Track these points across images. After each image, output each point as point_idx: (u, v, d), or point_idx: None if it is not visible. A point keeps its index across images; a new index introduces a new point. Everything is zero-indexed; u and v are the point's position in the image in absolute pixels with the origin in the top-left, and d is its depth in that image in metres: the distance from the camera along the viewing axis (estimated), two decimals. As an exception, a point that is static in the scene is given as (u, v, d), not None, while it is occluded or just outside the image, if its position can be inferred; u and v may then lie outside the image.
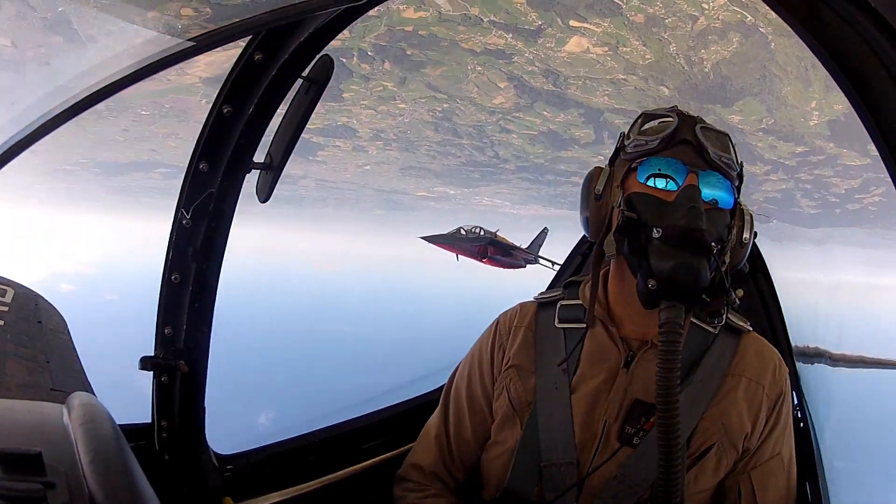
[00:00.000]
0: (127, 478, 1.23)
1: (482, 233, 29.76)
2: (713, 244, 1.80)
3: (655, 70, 31.99)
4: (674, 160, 1.91)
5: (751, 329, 2.13)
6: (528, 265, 30.72)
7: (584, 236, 2.77)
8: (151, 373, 2.27)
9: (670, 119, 1.96)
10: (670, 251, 1.78)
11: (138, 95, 36.73)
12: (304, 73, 2.01)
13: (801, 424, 2.47)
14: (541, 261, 30.53)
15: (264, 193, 2.17)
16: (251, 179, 2.27)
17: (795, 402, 2.43)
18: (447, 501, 2.19)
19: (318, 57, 2.01)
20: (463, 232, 29.67)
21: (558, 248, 30.83)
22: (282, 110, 2.12)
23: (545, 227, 31.51)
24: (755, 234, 2.06)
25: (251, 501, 2.51)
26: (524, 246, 31.30)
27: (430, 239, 30.04)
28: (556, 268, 3.20)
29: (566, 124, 37.04)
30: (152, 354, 2.26)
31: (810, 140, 35.70)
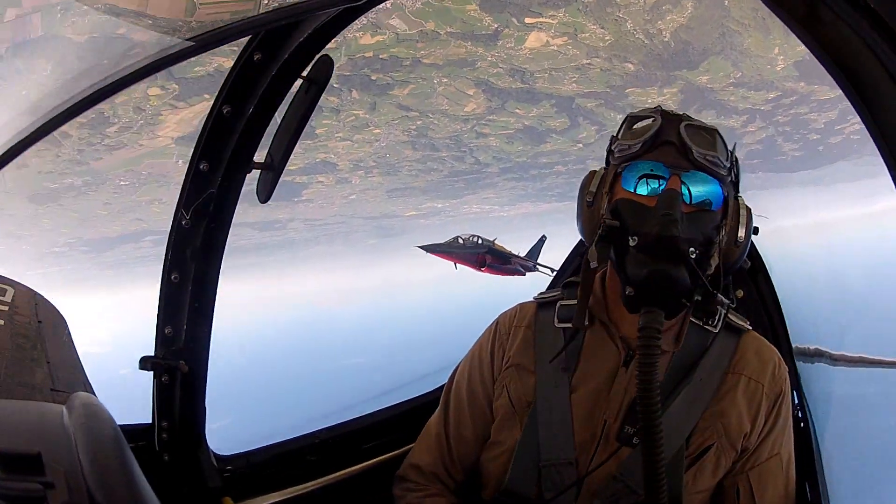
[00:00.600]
0: (127, 478, 1.23)
1: (480, 241, 29.59)
2: (692, 249, 1.83)
3: (617, 49, 32.24)
4: (656, 163, 1.92)
5: (750, 328, 2.13)
6: (527, 273, 30.49)
7: (580, 240, 2.78)
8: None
9: (653, 120, 1.96)
10: (645, 259, 1.82)
11: (113, 167, 36.75)
12: (304, 73, 2.03)
13: (802, 424, 2.46)
14: (539, 268, 30.33)
15: (264, 193, 2.19)
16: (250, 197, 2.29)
17: (795, 401, 2.42)
18: (447, 501, 2.19)
19: (317, 57, 2.02)
20: (461, 241, 29.52)
21: (556, 241, 30.81)
22: (283, 110, 2.13)
23: (543, 235, 31.38)
24: (756, 229, 2.05)
25: (251, 501, 2.52)
26: (522, 254, 31.11)
27: (429, 248, 29.94)
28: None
29: (540, 117, 37.20)
30: (152, 354, 2.28)
31: (780, 84, 36.00)
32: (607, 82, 34.41)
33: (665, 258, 1.81)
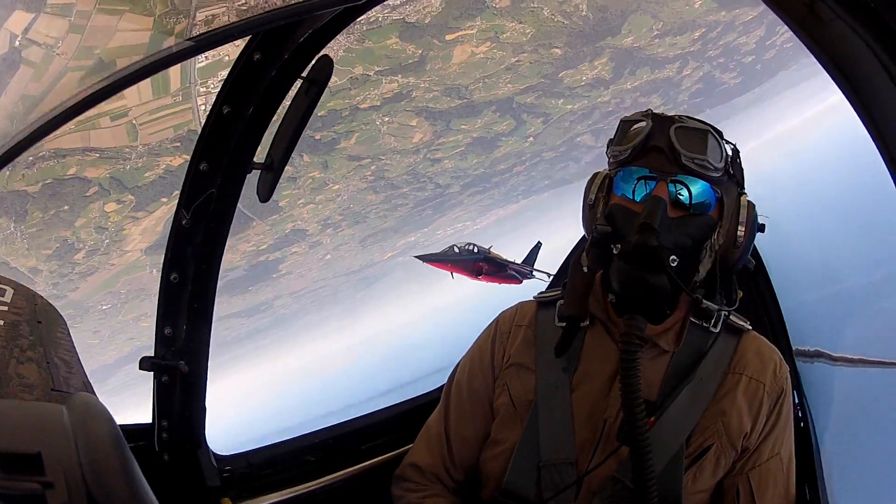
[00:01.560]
0: (126, 478, 1.22)
1: (476, 249, 29.30)
2: (672, 257, 1.86)
3: (540, 38, 32.81)
4: (644, 170, 1.96)
5: (751, 328, 2.14)
6: (524, 280, 30.30)
7: (583, 235, 2.76)
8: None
9: (643, 125, 1.97)
10: (624, 268, 1.87)
11: (90, 294, 36.40)
12: (304, 74, 2.04)
13: (801, 424, 2.44)
14: (535, 274, 30.17)
15: (264, 194, 2.20)
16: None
17: (796, 401, 2.40)
18: (447, 501, 2.17)
19: (317, 57, 2.04)
20: (456, 249, 29.20)
21: (539, 235, 30.91)
22: (282, 111, 2.15)
23: (538, 242, 31.29)
24: (762, 226, 2.08)
25: (250, 502, 2.51)
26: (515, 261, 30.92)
27: (425, 258, 29.71)
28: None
29: (486, 126, 37.58)
30: (152, 355, 2.27)
31: (702, 20, 36.91)
32: (539, 72, 34.96)
33: (643, 266, 1.83)
